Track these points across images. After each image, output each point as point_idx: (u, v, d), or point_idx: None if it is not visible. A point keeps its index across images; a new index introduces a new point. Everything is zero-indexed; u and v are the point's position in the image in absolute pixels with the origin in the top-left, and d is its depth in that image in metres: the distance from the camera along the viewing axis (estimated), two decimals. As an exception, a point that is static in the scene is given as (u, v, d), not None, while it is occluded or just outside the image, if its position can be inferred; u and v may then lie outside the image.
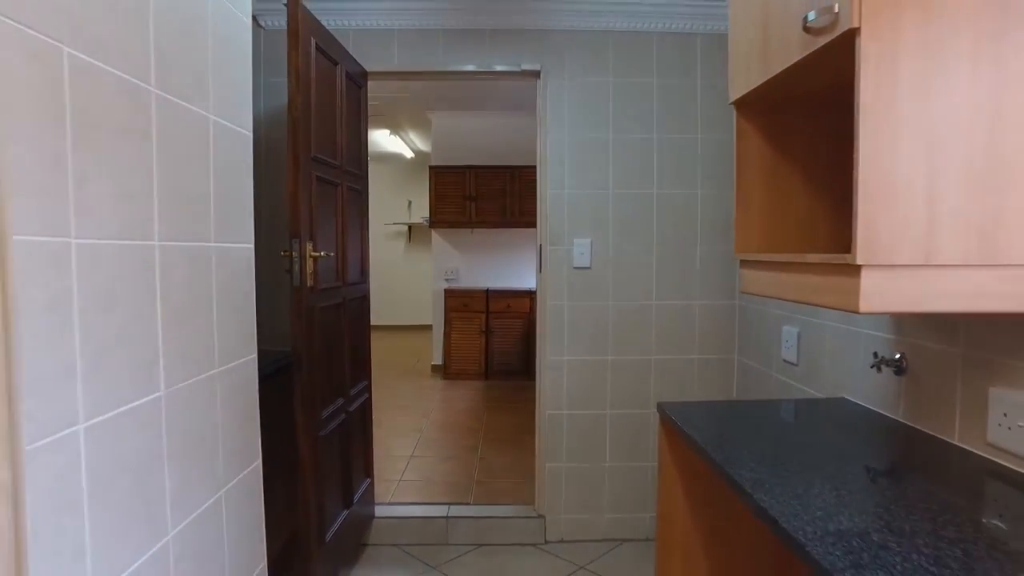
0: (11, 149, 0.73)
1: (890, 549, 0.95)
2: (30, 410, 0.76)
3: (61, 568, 0.82)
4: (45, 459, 0.79)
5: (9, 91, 0.73)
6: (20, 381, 0.75)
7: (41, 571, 0.78)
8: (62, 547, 0.82)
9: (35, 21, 0.77)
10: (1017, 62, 1.07)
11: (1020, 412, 1.27)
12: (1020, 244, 1.10)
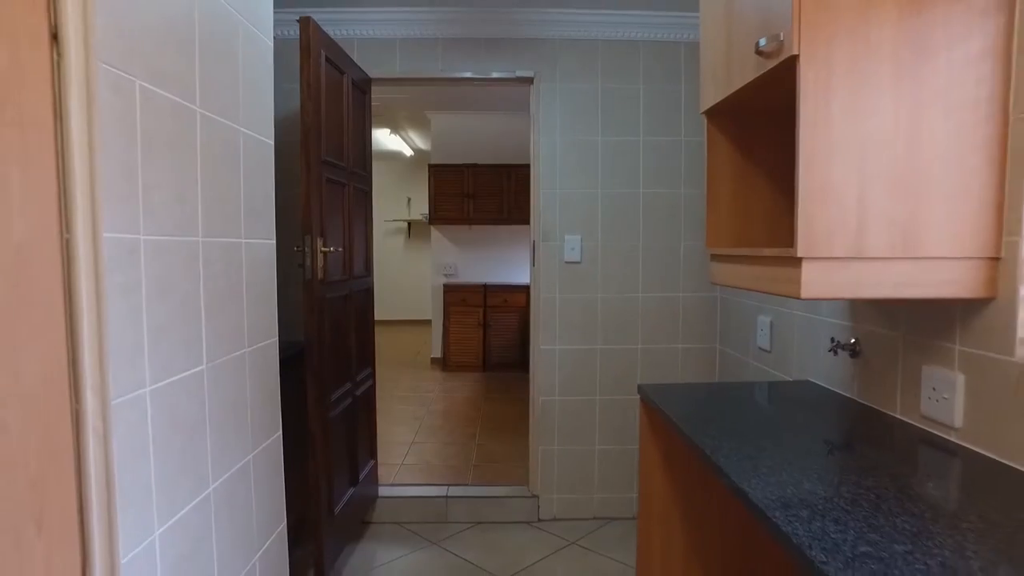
0: (103, 165, 0.91)
1: (816, 494, 1.14)
2: (115, 372, 0.95)
3: (136, 501, 1.01)
4: (124, 414, 0.98)
5: (101, 119, 0.92)
6: (107, 350, 0.93)
7: (124, 502, 0.97)
8: (137, 486, 1.01)
9: (117, 61, 0.95)
10: (930, 88, 1.26)
11: (945, 386, 1.46)
12: (936, 240, 1.29)
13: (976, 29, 1.26)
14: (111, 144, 0.94)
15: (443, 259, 6.71)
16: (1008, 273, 1.30)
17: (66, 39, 0.88)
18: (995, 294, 1.32)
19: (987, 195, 1.30)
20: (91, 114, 0.90)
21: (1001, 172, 1.29)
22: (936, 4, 1.26)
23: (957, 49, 1.27)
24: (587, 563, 2.73)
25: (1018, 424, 1.27)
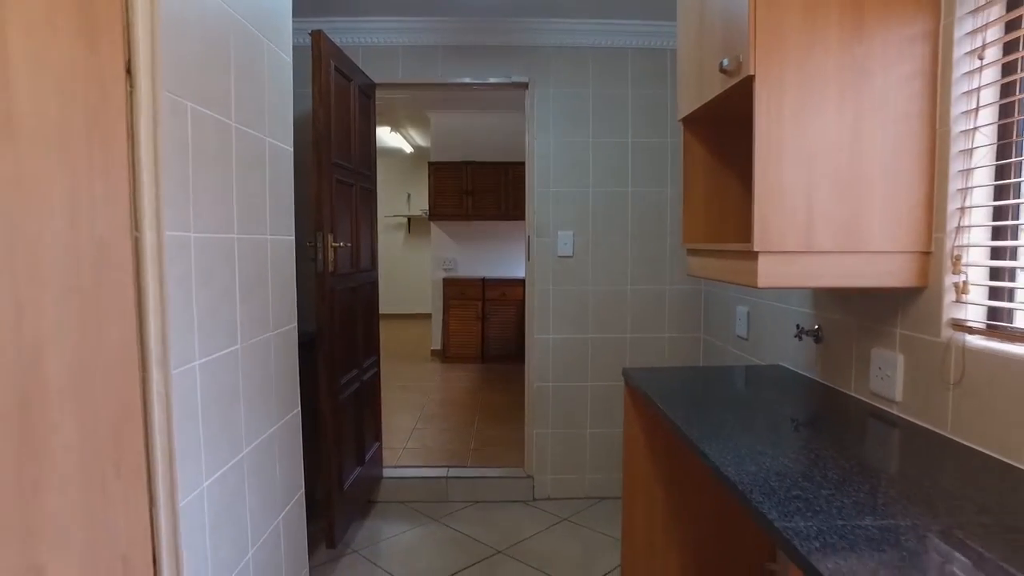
0: (164, 175, 1.10)
1: (765, 454, 1.34)
2: (174, 347, 1.14)
3: (189, 458, 1.20)
4: (180, 381, 1.17)
5: (159, 133, 1.11)
6: (169, 328, 1.13)
7: (181, 457, 1.16)
8: (190, 444, 1.20)
9: (174, 88, 1.14)
10: (869, 104, 1.46)
11: (888, 366, 1.66)
12: (875, 236, 1.49)
13: (907, 54, 1.46)
14: (170, 158, 1.13)
15: (443, 254, 6.91)
16: (936, 265, 1.49)
17: (137, 72, 1.06)
18: (926, 283, 1.52)
19: (918, 197, 1.49)
20: (156, 134, 1.09)
21: (930, 177, 1.49)
22: (873, 33, 1.45)
23: (891, 71, 1.46)
24: (578, 537, 2.93)
25: (942, 396, 1.46)
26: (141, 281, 1.10)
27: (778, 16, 1.44)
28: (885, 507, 1.07)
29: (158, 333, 1.11)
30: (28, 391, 0.96)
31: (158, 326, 1.11)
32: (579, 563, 2.69)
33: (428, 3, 2.87)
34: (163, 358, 1.12)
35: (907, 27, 1.46)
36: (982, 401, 1.34)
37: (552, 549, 2.82)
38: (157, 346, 1.11)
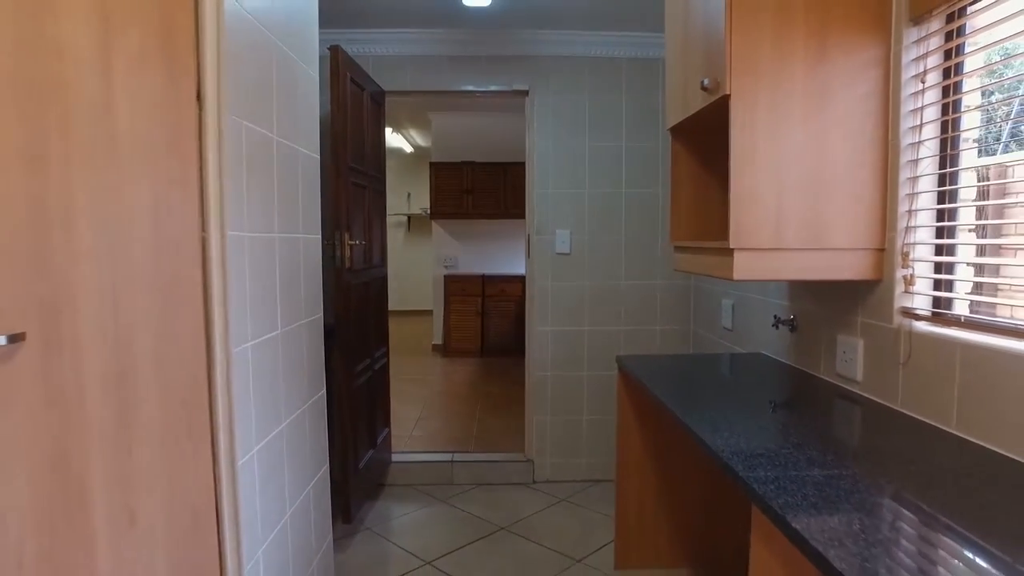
0: (228, 184, 1.31)
1: (739, 425, 1.55)
2: (233, 330, 1.35)
3: (243, 425, 1.41)
4: (237, 359, 1.38)
5: (224, 148, 1.31)
6: (231, 315, 1.33)
7: (238, 424, 1.37)
8: (244, 413, 1.41)
9: (234, 110, 1.34)
10: (831, 120, 1.67)
11: (851, 350, 1.87)
12: (836, 235, 1.70)
13: (862, 77, 1.67)
14: (230, 169, 1.33)
15: (444, 251, 7.11)
16: (889, 260, 1.71)
17: (205, 98, 1.27)
18: (881, 277, 1.73)
19: (873, 201, 1.70)
20: (220, 149, 1.29)
21: (883, 184, 1.70)
22: (834, 58, 1.66)
23: (850, 91, 1.67)
24: (575, 515, 3.15)
25: (894, 375, 1.68)
26: (207, 274, 1.30)
27: (751, 42, 1.65)
28: (832, 462, 1.29)
29: (221, 318, 1.32)
30: (124, 367, 1.17)
31: (221, 312, 1.32)
32: (576, 538, 2.91)
33: (434, 16, 3.07)
34: (225, 339, 1.32)
35: (863, 53, 1.67)
36: (925, 378, 1.56)
37: (551, 526, 3.03)
38: (220, 329, 1.32)
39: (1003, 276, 1.47)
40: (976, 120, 1.54)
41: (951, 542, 0.96)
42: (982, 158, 1.53)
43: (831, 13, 1.66)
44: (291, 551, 1.71)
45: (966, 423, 1.42)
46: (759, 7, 1.64)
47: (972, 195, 1.55)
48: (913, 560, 0.90)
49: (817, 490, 1.14)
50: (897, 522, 1.02)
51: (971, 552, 0.92)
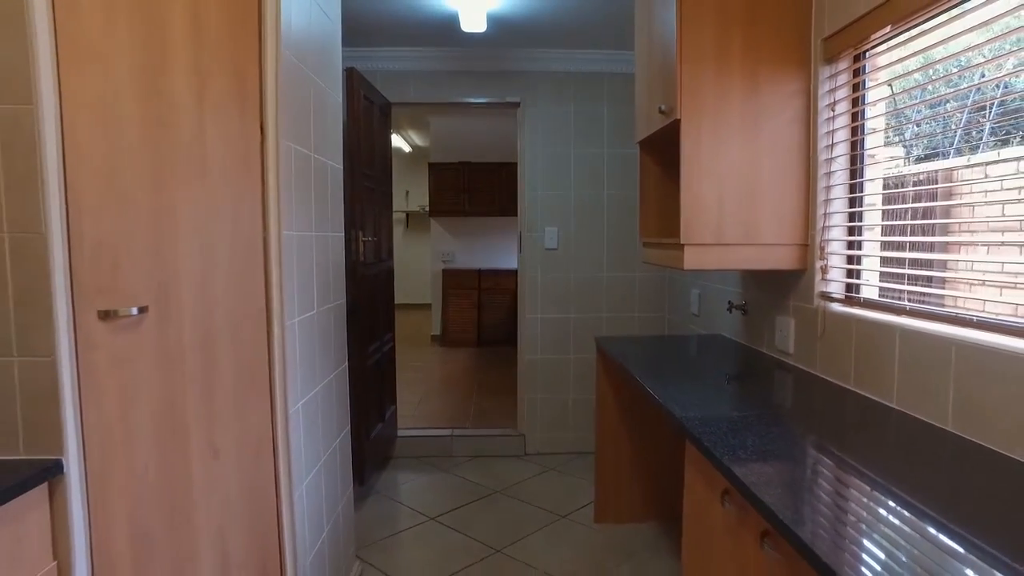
0: (282, 194, 1.69)
1: (687, 387, 1.94)
2: (286, 308, 1.73)
3: (292, 382, 1.79)
4: (288, 331, 1.76)
5: (284, 168, 1.69)
6: (284, 296, 1.71)
7: (289, 380, 1.75)
8: (293, 373, 1.79)
9: (286, 135, 1.72)
10: (763, 140, 2.05)
11: (785, 327, 2.27)
12: (769, 233, 2.09)
13: (787, 106, 2.06)
14: (284, 182, 1.72)
15: (442, 247, 7.49)
16: (811, 254, 2.10)
17: (267, 129, 1.65)
18: (804, 267, 2.13)
19: (797, 205, 2.10)
20: (277, 167, 1.67)
21: (806, 191, 2.09)
22: (765, 90, 2.05)
23: (778, 117, 2.06)
24: (561, 481, 3.55)
25: (813, 346, 2.08)
26: (267, 264, 1.68)
27: (697, 77, 2.04)
28: (748, 407, 1.68)
29: (278, 298, 1.70)
30: (210, 334, 1.55)
31: (277, 294, 1.70)
32: (561, 499, 3.30)
33: (435, 37, 3.45)
34: (280, 315, 1.71)
35: (787, 87, 2.06)
36: (834, 348, 1.96)
37: (540, 490, 3.43)
38: (277, 307, 1.70)
39: (896, 266, 1.87)
40: (879, 139, 1.92)
41: (817, 452, 1.36)
42: (874, 168, 1.92)
43: (762, 54, 2.05)
44: (324, 492, 2.10)
45: (859, 380, 1.82)
46: (703, 49, 2.03)
47: (879, 199, 1.94)
48: (783, 461, 1.29)
49: (730, 425, 1.53)
50: (781, 442, 1.42)
51: (824, 455, 1.32)
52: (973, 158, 1.61)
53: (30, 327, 1.26)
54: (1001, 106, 1.52)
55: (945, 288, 1.67)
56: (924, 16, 1.60)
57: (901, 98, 1.85)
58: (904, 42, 1.73)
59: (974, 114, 1.61)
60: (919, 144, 1.84)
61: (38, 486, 1.24)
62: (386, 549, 2.78)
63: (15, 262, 1.24)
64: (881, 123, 1.93)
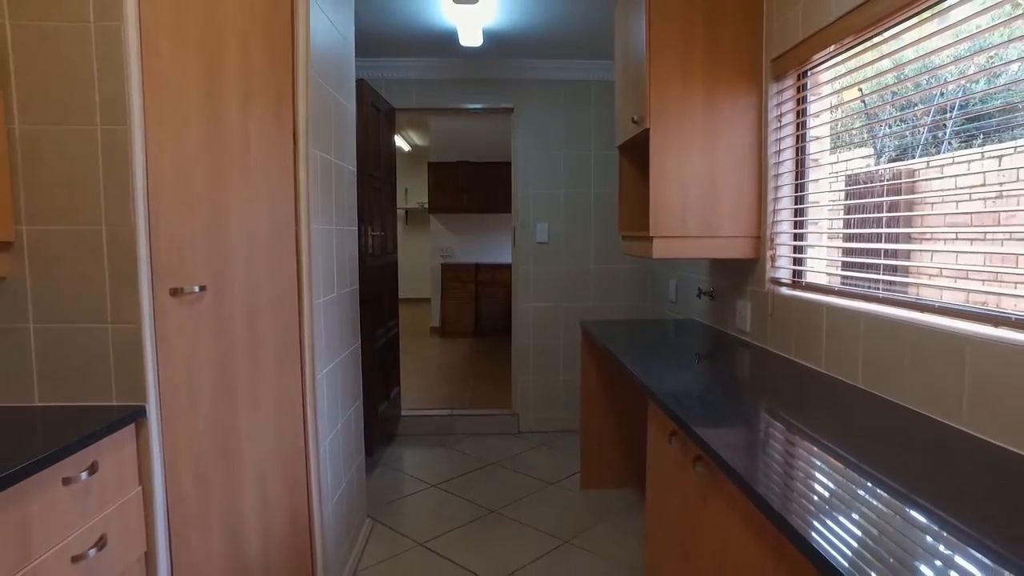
0: (311, 193, 2.02)
1: (655, 362, 2.28)
2: (314, 290, 2.06)
3: (319, 353, 2.12)
4: (316, 309, 2.09)
5: (312, 172, 2.02)
6: (313, 280, 2.05)
7: (316, 352, 2.08)
8: (320, 345, 2.12)
9: (314, 144, 2.05)
10: (722, 147, 2.39)
11: (744, 309, 2.61)
12: (725, 226, 2.42)
13: (743, 117, 2.39)
14: (312, 183, 2.04)
15: (441, 243, 7.82)
16: (762, 244, 2.43)
17: (299, 139, 1.98)
18: (757, 256, 2.46)
19: (751, 203, 2.43)
20: (307, 172, 2.00)
21: (758, 191, 2.42)
22: (723, 104, 2.38)
23: (734, 126, 2.40)
24: (551, 455, 3.88)
25: (764, 324, 2.42)
26: (299, 252, 2.01)
27: (664, 93, 2.37)
28: (705, 377, 2.02)
29: (307, 281, 2.03)
30: (254, 309, 1.89)
31: (307, 278, 2.03)
32: (551, 469, 3.64)
33: (436, 49, 3.77)
34: (310, 295, 2.04)
35: (742, 101, 2.39)
36: (782, 325, 2.30)
37: (532, 462, 3.77)
38: (307, 288, 2.03)
39: (826, 256, 2.20)
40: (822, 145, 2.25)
41: (749, 406, 1.70)
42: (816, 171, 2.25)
43: (720, 73, 2.38)
44: (341, 450, 2.43)
45: (798, 352, 2.16)
46: (669, 68, 2.36)
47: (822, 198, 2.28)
48: (719, 410, 1.63)
49: (683, 387, 1.87)
50: (721, 398, 1.76)
51: (754, 407, 1.66)
52: (884, 161, 1.94)
53: (121, 300, 1.59)
54: (915, 116, 1.86)
55: (867, 272, 2.01)
56: (854, 41, 1.94)
57: (841, 109, 2.18)
58: (839, 63, 2.07)
59: (897, 125, 1.95)
60: (852, 147, 2.17)
61: (128, 426, 1.57)
62: (393, 510, 3.12)
63: (111, 250, 1.57)
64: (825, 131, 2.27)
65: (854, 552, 0.88)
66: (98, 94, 1.53)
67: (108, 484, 1.49)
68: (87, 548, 1.38)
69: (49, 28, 1.51)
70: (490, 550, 2.71)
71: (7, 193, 1.52)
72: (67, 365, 1.59)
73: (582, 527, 2.92)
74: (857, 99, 2.02)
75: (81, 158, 1.55)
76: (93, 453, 1.43)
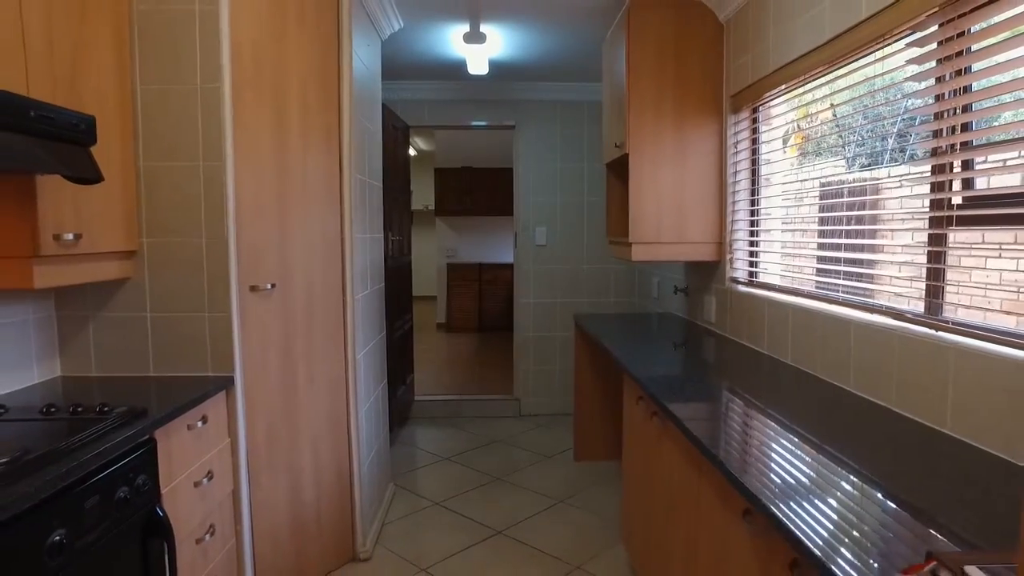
0: (354, 209, 2.51)
1: (633, 346, 2.77)
2: (355, 287, 2.55)
3: (359, 337, 2.60)
4: (356, 302, 2.58)
5: (353, 191, 2.50)
6: (354, 280, 2.53)
7: (356, 336, 2.57)
8: (359, 331, 2.61)
9: (355, 169, 2.53)
10: (690, 167, 2.87)
11: (710, 304, 3.09)
12: (692, 233, 2.91)
13: (707, 142, 2.87)
14: (354, 201, 2.53)
15: (446, 243, 8.30)
16: (723, 249, 2.92)
17: (344, 166, 2.46)
18: (719, 259, 2.95)
19: (714, 214, 2.91)
20: (350, 192, 2.49)
21: (720, 204, 2.91)
22: (690, 131, 2.86)
23: (700, 149, 2.88)
24: (549, 434, 4.37)
25: (724, 315, 2.90)
26: (344, 256, 2.50)
27: (640, 122, 2.85)
28: (669, 358, 2.51)
29: (350, 279, 2.51)
30: (311, 301, 2.38)
31: (351, 276, 2.51)
32: (548, 445, 4.13)
33: (447, 74, 4.25)
34: (352, 291, 2.52)
35: (706, 128, 2.88)
36: (738, 317, 2.78)
37: (531, 440, 4.25)
38: (350, 285, 2.51)
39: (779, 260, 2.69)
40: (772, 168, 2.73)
41: (699, 376, 2.19)
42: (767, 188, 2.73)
43: (687, 106, 2.86)
44: (372, 421, 2.92)
45: (749, 338, 2.65)
46: (645, 102, 2.84)
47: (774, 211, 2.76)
48: (676, 378, 2.12)
49: (652, 361, 2.35)
50: (681, 370, 2.24)
51: (704, 378, 2.15)
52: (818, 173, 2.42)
53: (215, 295, 2.07)
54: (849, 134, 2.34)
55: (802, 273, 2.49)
56: (790, 85, 2.42)
57: (786, 138, 2.66)
58: (784, 100, 2.55)
59: (836, 145, 2.43)
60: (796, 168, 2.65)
61: (222, 391, 2.06)
62: (411, 478, 3.61)
63: (208, 256, 2.06)
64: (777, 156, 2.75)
65: (738, 457, 1.37)
66: (201, 138, 2.02)
67: (212, 433, 1.98)
68: (202, 477, 1.87)
69: (168, 90, 2.00)
70: (496, 507, 3.20)
71: (135, 214, 2.01)
72: (174, 344, 2.08)
73: (575, 490, 3.41)
74: (802, 131, 2.50)
75: (187, 187, 2.03)
76: (203, 409, 1.92)
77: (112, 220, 1.88)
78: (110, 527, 1.43)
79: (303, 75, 2.31)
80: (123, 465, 1.49)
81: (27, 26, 1.51)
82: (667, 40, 2.83)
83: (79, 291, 2.05)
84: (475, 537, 2.90)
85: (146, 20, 1.98)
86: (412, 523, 3.04)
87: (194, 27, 1.99)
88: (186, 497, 1.79)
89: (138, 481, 1.53)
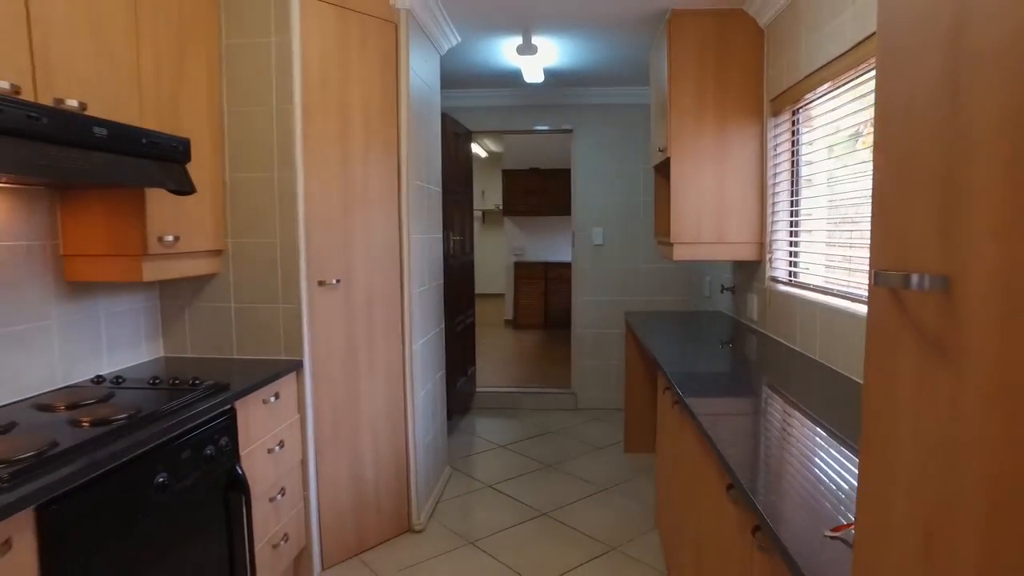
0: (412, 212, 2.77)
1: (674, 347, 2.90)
2: (414, 283, 2.82)
3: (416, 329, 2.87)
4: (415, 297, 2.84)
5: (411, 196, 2.77)
6: (412, 276, 2.80)
7: (414, 329, 2.84)
8: (415, 326, 2.87)
9: (414, 176, 2.80)
10: (730, 169, 2.97)
11: (753, 302, 3.17)
12: (732, 234, 3.01)
13: (748, 144, 2.96)
14: (413, 205, 2.79)
15: (514, 242, 8.56)
16: (764, 249, 3.00)
17: (402, 173, 2.73)
18: (760, 259, 3.03)
19: (755, 215, 3.00)
20: (408, 197, 2.75)
21: (761, 205, 2.99)
22: (731, 133, 2.96)
23: (741, 152, 2.97)
24: (602, 427, 4.53)
25: (765, 314, 2.99)
26: (402, 255, 2.77)
27: (682, 127, 2.98)
28: (706, 354, 2.64)
29: (408, 277, 2.78)
30: (370, 296, 2.66)
31: (408, 274, 2.78)
32: (601, 437, 4.29)
33: (506, 82, 4.48)
34: (410, 287, 2.79)
35: (747, 131, 2.97)
36: (777, 314, 2.86)
37: (585, 432, 4.43)
38: (408, 282, 2.78)
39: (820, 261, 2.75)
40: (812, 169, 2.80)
41: (733, 371, 2.31)
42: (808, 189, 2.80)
43: (728, 110, 2.96)
44: (429, 407, 3.18)
45: (785, 336, 2.73)
46: (685, 107, 2.97)
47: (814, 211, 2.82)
48: (703, 371, 2.25)
49: (685, 355, 2.49)
50: (715, 364, 2.37)
51: (735, 373, 2.28)
52: (846, 187, 2.49)
53: (288, 289, 2.38)
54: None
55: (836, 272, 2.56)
56: (832, 87, 2.50)
57: (816, 143, 2.72)
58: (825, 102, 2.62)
59: (847, 159, 2.49)
60: (827, 175, 2.71)
61: (292, 372, 2.37)
62: (468, 463, 3.86)
63: (282, 255, 2.37)
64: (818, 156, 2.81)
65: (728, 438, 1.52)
66: (276, 152, 2.33)
67: (283, 408, 2.29)
68: (275, 446, 2.18)
69: (249, 112, 2.32)
70: (546, 491, 3.41)
71: (222, 218, 2.34)
72: (253, 331, 2.41)
73: (621, 479, 3.57)
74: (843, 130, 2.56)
75: (264, 195, 2.35)
76: (276, 386, 2.22)
77: (203, 224, 2.22)
78: (201, 477, 1.74)
79: (365, 93, 2.59)
80: (209, 428, 1.80)
81: (142, 68, 1.85)
82: (707, 48, 2.95)
83: (178, 284, 2.42)
84: (522, 517, 3.11)
85: (232, 52, 2.31)
86: (465, 502, 3.29)
87: (270, 57, 2.30)
88: (261, 460, 2.09)
89: (221, 442, 1.84)
